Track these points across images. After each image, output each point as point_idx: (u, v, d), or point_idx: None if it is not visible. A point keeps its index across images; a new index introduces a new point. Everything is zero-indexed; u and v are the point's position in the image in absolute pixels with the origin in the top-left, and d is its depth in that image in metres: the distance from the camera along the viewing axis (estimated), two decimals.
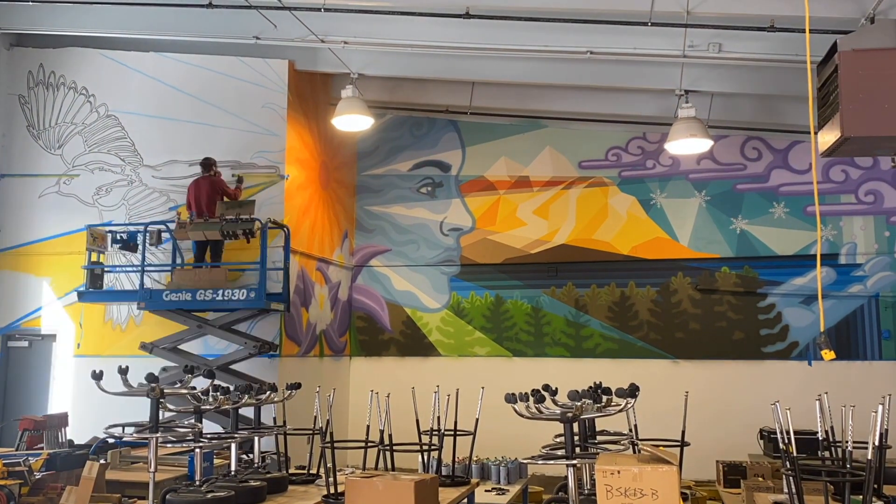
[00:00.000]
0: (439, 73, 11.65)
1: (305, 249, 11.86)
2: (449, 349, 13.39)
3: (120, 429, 6.75)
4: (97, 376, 5.64)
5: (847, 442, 5.76)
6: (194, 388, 6.55)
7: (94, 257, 10.55)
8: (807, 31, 7.00)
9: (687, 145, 11.15)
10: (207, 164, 10.67)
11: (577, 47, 9.84)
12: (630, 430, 6.58)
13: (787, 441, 5.33)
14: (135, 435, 6.78)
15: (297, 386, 7.54)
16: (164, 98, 11.53)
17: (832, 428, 6.65)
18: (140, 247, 10.45)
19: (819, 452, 6.22)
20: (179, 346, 10.60)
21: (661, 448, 5.23)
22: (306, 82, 12.01)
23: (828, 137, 7.58)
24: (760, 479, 6.76)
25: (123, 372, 5.72)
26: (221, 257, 10.51)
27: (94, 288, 10.54)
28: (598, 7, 9.10)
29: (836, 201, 12.29)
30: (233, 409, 6.88)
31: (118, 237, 10.59)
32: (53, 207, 11.59)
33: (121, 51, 11.69)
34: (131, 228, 10.66)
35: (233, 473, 6.61)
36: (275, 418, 8.01)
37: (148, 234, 10.38)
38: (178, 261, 10.62)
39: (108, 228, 10.75)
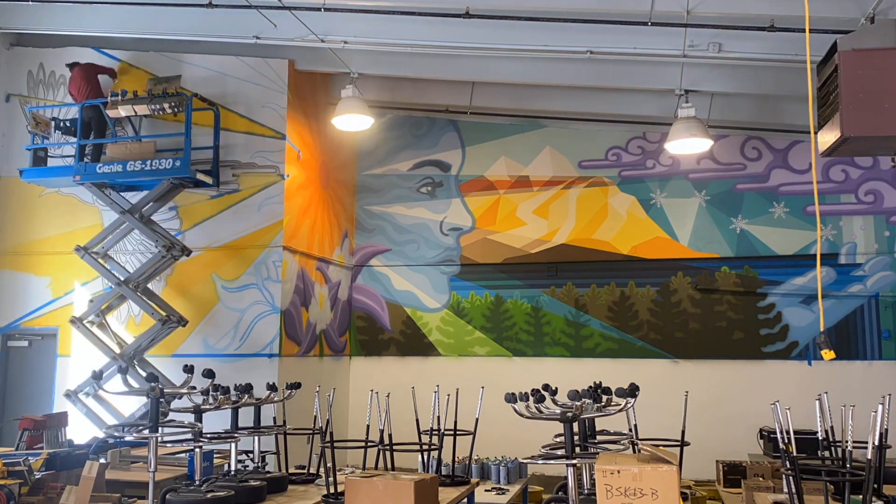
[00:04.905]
0: (439, 73, 11.64)
1: (305, 249, 11.86)
2: (449, 349, 13.40)
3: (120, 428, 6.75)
4: (97, 376, 5.65)
5: (847, 442, 5.76)
6: (194, 387, 6.56)
7: (37, 141, 11.13)
8: (807, 31, 6.99)
9: (687, 145, 11.15)
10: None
11: (577, 47, 9.83)
12: (630, 430, 6.58)
13: (786, 441, 5.33)
14: (135, 435, 6.78)
15: (297, 386, 7.54)
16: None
17: (832, 428, 6.65)
18: (79, 129, 10.89)
19: (819, 452, 6.23)
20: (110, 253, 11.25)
21: (661, 448, 5.23)
22: (306, 82, 12.01)
23: (828, 137, 7.57)
24: (760, 478, 6.75)
25: (123, 372, 5.73)
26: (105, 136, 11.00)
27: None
28: (598, 7, 9.10)
29: (836, 201, 12.29)
30: (232, 408, 6.88)
31: (61, 123, 11.23)
32: (53, 207, 11.60)
33: (121, 50, 11.69)
34: (73, 112, 11.22)
35: (233, 473, 6.61)
36: (274, 418, 8.02)
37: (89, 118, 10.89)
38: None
39: (50, 114, 11.16)
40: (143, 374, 10.16)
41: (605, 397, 5.86)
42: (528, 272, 13.27)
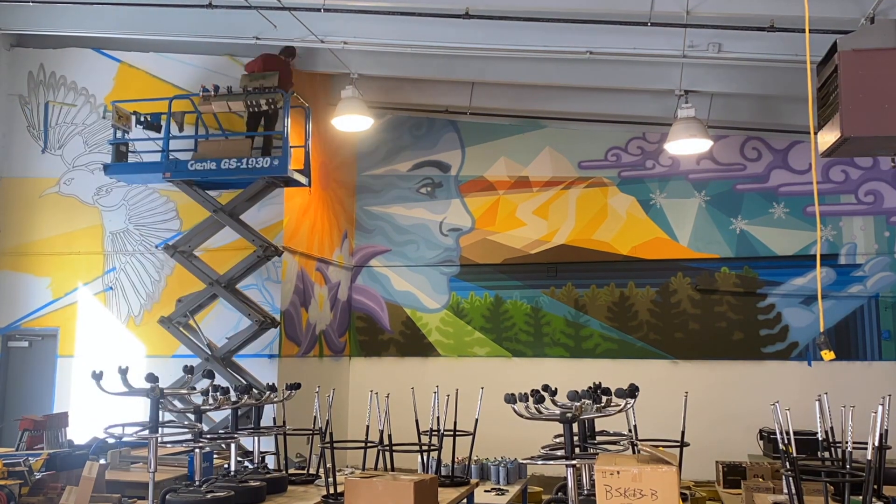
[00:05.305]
0: (439, 73, 11.64)
1: (305, 249, 11.85)
2: (448, 349, 13.39)
3: (120, 428, 6.74)
4: (97, 376, 5.64)
5: (847, 442, 5.76)
6: (194, 388, 6.55)
7: (118, 135, 10.56)
8: (807, 31, 6.99)
9: (687, 145, 11.15)
10: (291, 50, 10.82)
11: (577, 47, 9.83)
12: (630, 431, 6.58)
13: (786, 441, 5.34)
14: (135, 435, 6.78)
15: (297, 386, 7.54)
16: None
17: (832, 428, 6.64)
18: (164, 125, 10.42)
19: (819, 453, 6.23)
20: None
21: (660, 448, 5.23)
22: (306, 82, 12.00)
23: (828, 137, 7.57)
24: (760, 479, 6.76)
25: (123, 372, 5.72)
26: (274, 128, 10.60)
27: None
28: (598, 7, 9.10)
29: (836, 201, 12.29)
30: (232, 408, 6.88)
31: (142, 118, 10.58)
32: (53, 207, 11.59)
33: (121, 51, 11.68)
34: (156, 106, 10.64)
35: (233, 473, 6.61)
36: (274, 418, 8.02)
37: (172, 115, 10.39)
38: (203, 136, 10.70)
39: (132, 108, 10.65)
40: (235, 375, 10.00)
41: (604, 398, 5.86)
42: (527, 273, 13.27)
